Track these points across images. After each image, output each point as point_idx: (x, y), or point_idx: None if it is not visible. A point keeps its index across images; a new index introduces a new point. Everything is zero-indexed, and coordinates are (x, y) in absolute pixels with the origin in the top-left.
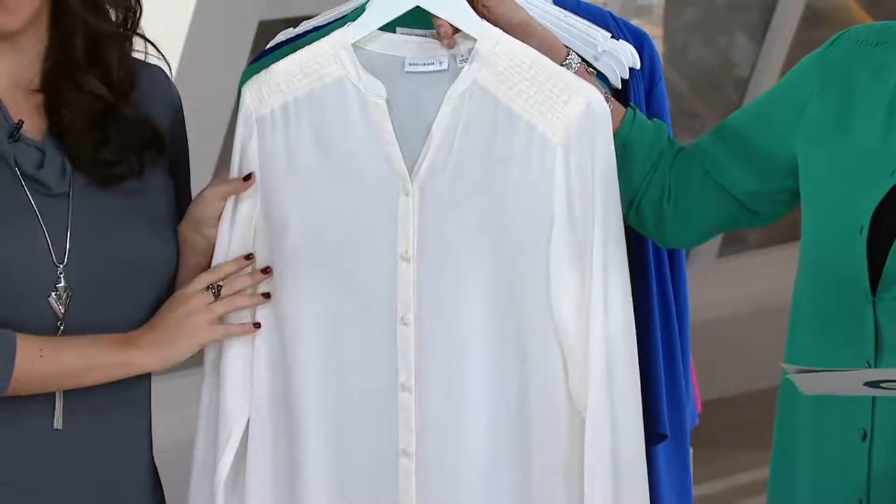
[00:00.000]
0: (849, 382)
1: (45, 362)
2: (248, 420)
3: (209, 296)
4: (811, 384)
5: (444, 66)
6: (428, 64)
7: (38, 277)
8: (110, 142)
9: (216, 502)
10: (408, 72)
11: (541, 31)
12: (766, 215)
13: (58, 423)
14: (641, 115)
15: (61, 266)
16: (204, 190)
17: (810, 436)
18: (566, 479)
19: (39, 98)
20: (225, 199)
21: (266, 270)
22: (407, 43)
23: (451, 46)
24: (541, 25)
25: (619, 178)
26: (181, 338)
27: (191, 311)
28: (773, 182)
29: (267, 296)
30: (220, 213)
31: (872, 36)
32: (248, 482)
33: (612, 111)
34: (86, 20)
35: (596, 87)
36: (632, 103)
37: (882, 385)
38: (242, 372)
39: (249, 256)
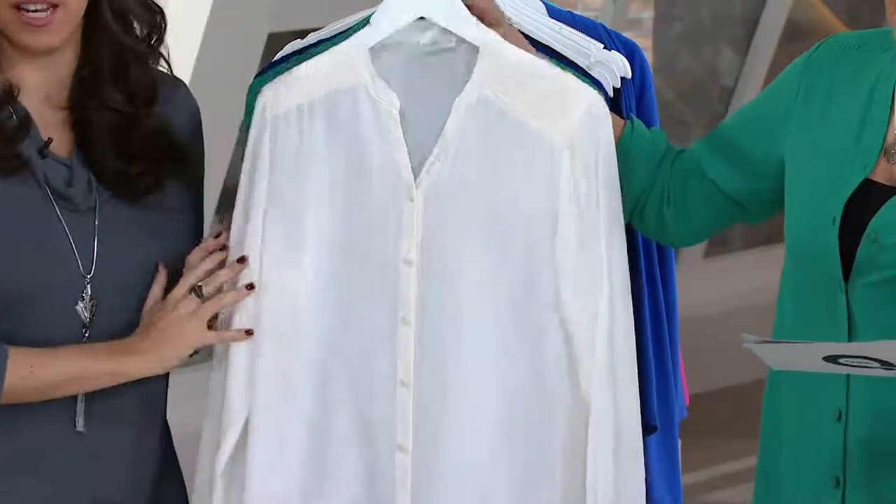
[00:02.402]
0: (808, 356)
1: (37, 377)
2: (250, 411)
3: (194, 299)
4: (773, 357)
5: (452, 44)
6: (436, 44)
7: (65, 288)
8: (135, 156)
9: (214, 490)
10: (420, 53)
11: None
12: (757, 213)
13: (80, 425)
14: (640, 125)
15: (88, 277)
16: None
17: (791, 417)
18: (565, 484)
19: (66, 114)
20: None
21: (241, 260)
22: (420, 30)
23: None
24: None
25: (621, 185)
26: (173, 343)
27: (180, 316)
28: (763, 181)
29: (251, 287)
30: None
31: (855, 40)
32: (248, 473)
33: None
34: (115, 37)
35: None
36: (631, 114)
37: (840, 361)
38: (246, 364)
39: (224, 248)
